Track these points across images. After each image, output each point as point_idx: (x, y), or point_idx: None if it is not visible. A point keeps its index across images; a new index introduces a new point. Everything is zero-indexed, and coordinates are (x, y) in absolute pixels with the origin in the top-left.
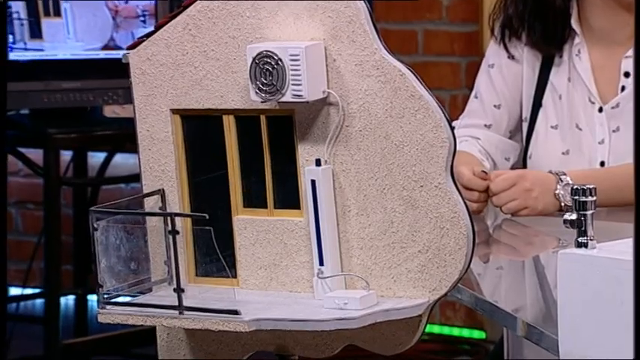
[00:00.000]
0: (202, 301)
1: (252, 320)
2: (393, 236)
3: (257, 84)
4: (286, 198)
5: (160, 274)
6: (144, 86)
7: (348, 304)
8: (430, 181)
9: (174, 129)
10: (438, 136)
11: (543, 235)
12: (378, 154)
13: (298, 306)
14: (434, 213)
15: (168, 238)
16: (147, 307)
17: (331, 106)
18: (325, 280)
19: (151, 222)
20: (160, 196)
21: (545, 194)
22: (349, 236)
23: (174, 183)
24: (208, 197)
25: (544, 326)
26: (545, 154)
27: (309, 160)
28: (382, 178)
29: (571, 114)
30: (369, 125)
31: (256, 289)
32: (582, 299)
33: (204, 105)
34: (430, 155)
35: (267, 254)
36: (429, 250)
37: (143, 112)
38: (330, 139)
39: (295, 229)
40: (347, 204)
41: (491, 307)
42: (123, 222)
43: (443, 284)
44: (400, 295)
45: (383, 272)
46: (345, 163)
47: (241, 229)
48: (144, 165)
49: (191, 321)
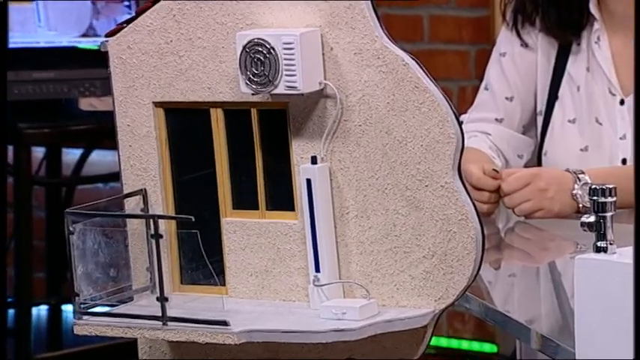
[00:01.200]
0: (188, 310)
1: (242, 332)
2: (395, 240)
3: (247, 75)
4: (279, 199)
5: (142, 281)
6: (124, 77)
7: (347, 314)
8: (436, 181)
9: (158, 123)
10: (445, 132)
11: (559, 239)
12: (379, 150)
13: (292, 316)
14: (440, 215)
15: (150, 243)
16: (127, 317)
17: (328, 98)
18: (322, 288)
19: (131, 225)
20: (142, 197)
21: (562, 194)
22: (348, 240)
23: (157, 182)
24: (194, 198)
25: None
26: (561, 151)
27: (304, 158)
28: (383, 177)
29: (590, 107)
30: (370, 120)
31: (247, 298)
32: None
33: (189, 97)
34: (436, 152)
35: (258, 260)
36: (435, 256)
37: (123, 105)
38: (327, 134)
39: (289, 232)
40: (345, 205)
41: (503, 317)
42: (101, 225)
43: (450, 292)
44: (403, 304)
45: (384, 279)
46: (343, 160)
47: (230, 232)
48: (124, 163)
49: (175, 332)
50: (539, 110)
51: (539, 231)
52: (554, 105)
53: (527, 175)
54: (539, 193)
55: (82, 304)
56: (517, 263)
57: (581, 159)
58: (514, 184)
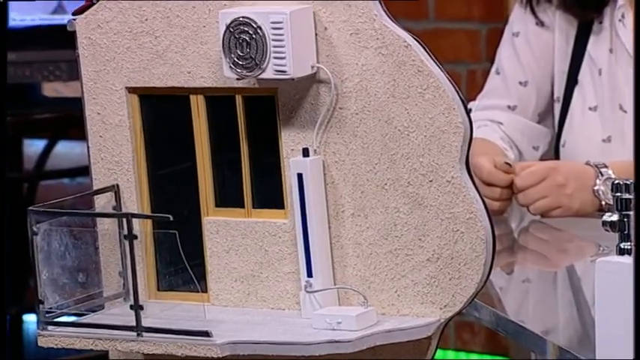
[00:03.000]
0: (165, 320)
1: (225, 343)
2: (396, 241)
3: (232, 57)
4: (267, 196)
5: (114, 287)
6: (93, 59)
7: (342, 324)
8: (441, 175)
9: (131, 111)
10: (451, 121)
11: (579, 241)
12: (378, 142)
13: (282, 326)
14: (446, 213)
15: (123, 244)
16: (98, 327)
17: (321, 84)
18: (314, 294)
19: (102, 225)
20: (114, 193)
21: (582, 190)
22: (343, 242)
23: (131, 177)
24: (173, 195)
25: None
26: (581, 142)
27: (295, 150)
28: (383, 172)
29: (613, 92)
30: (368, 107)
31: (231, 306)
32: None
33: (167, 82)
34: (441, 143)
35: (243, 264)
36: (440, 259)
37: (93, 91)
38: (321, 124)
39: (278, 233)
40: (341, 202)
41: (516, 327)
42: (68, 225)
43: (457, 300)
44: (405, 312)
45: (384, 285)
46: (338, 153)
47: (213, 233)
48: (94, 155)
49: (151, 344)
50: (556, 96)
51: (557, 231)
52: (574, 90)
53: (543, 169)
54: (557, 188)
55: (46, 313)
56: (532, 267)
57: (603, 150)
58: (529, 178)
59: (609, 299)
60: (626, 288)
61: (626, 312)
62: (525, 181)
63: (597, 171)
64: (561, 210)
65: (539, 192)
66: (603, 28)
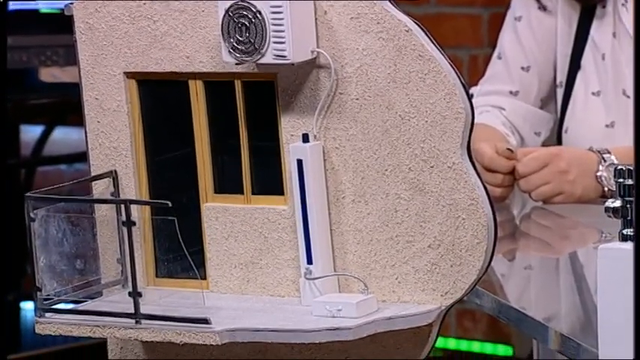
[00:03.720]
0: (164, 307)
1: (224, 331)
2: (396, 228)
3: (231, 42)
4: (267, 182)
5: (112, 274)
6: (91, 44)
7: (342, 311)
8: (442, 161)
9: (129, 97)
10: (452, 106)
11: (582, 227)
12: (378, 127)
13: (281, 313)
14: (447, 199)
15: (121, 231)
16: (96, 314)
17: (321, 69)
18: (314, 281)
19: (100, 211)
20: (112, 179)
21: (585, 176)
22: (344, 228)
23: (129, 163)
24: (171, 181)
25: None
26: (584, 127)
27: (295, 136)
28: (384, 157)
29: (616, 77)
30: (368, 93)
31: (230, 293)
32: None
33: (165, 67)
34: (442, 129)
35: (243, 250)
36: (441, 245)
37: (90, 76)
38: (321, 109)
39: (278, 219)
40: (341, 189)
41: (517, 315)
42: (66, 211)
43: (458, 287)
44: (406, 299)
45: (385, 272)
46: (338, 138)
47: (212, 219)
48: (91, 141)
49: (150, 332)
50: (559, 82)
51: (559, 218)
52: (576, 76)
53: (545, 155)
54: (559, 175)
55: (44, 300)
56: (534, 254)
57: (606, 136)
58: (531, 164)
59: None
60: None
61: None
62: (527, 167)
63: (600, 157)
64: (563, 196)
65: (542, 178)
66: (606, 13)
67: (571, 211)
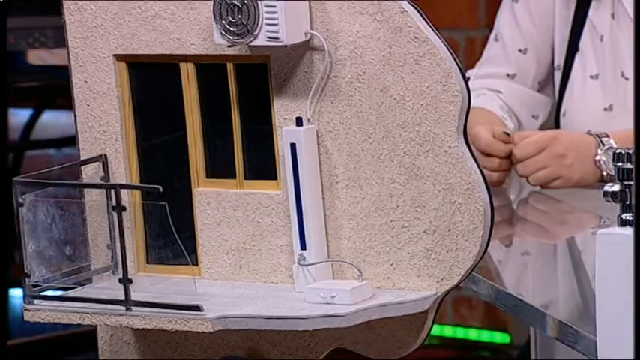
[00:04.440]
0: (155, 294)
1: (216, 318)
2: (392, 213)
3: (223, 24)
4: (259, 166)
5: (102, 260)
6: (80, 26)
7: (337, 298)
8: (438, 145)
9: (119, 80)
10: (448, 89)
11: (580, 212)
12: (373, 111)
13: (274, 300)
14: (443, 184)
15: (111, 216)
16: (85, 301)
17: (315, 51)
18: (308, 267)
19: (90, 196)
20: (102, 164)
21: (583, 161)
22: (338, 213)
23: (120, 147)
24: (162, 165)
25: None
26: (582, 111)
27: (288, 119)
28: (379, 142)
29: (615, 59)
30: (363, 75)
31: (222, 280)
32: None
33: (156, 50)
34: (438, 112)
35: (235, 236)
36: (437, 231)
37: (79, 59)
38: (314, 92)
39: (271, 204)
40: (335, 173)
41: (515, 301)
42: (55, 196)
43: (454, 272)
44: (401, 286)
45: (380, 258)
46: (332, 122)
47: (203, 204)
48: (81, 125)
49: (141, 319)
50: (556, 64)
51: (557, 203)
52: (574, 58)
53: (543, 139)
54: (557, 159)
55: (33, 287)
56: (531, 239)
57: (604, 119)
58: (528, 149)
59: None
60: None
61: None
62: (524, 152)
63: (598, 141)
64: (561, 181)
65: (539, 162)
66: None
67: (569, 196)
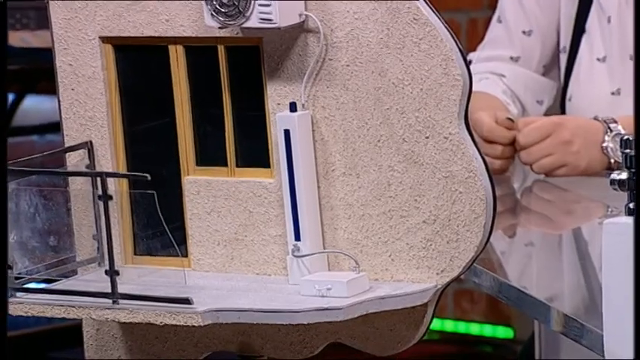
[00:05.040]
0: (143, 286)
1: (207, 311)
2: (390, 202)
3: (213, 4)
4: (252, 153)
5: (88, 251)
6: (64, 6)
7: (332, 290)
8: (438, 131)
9: (105, 63)
10: (449, 73)
11: (586, 201)
12: (371, 95)
13: (267, 293)
14: (443, 172)
15: (97, 206)
16: (70, 294)
17: (310, 33)
18: (302, 259)
19: (74, 184)
20: (87, 151)
21: (589, 147)
22: (334, 202)
23: (106, 133)
24: (150, 152)
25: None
26: (589, 95)
27: (282, 105)
28: (376, 127)
29: (623, 41)
30: (360, 58)
31: (213, 271)
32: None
33: (144, 31)
34: (438, 97)
35: (227, 226)
36: (437, 220)
37: (64, 41)
38: (309, 76)
39: (264, 193)
40: (331, 161)
41: (518, 294)
42: (38, 184)
43: (455, 264)
44: (399, 278)
45: (377, 249)
46: (328, 107)
47: (194, 193)
48: (65, 110)
49: (128, 312)
50: (562, 46)
51: (562, 191)
52: (581, 40)
53: (548, 125)
54: (562, 145)
55: (15, 279)
56: (535, 230)
57: (612, 104)
58: (532, 135)
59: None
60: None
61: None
62: (529, 138)
63: (606, 126)
64: (567, 168)
65: (544, 149)
66: None
67: (575, 184)
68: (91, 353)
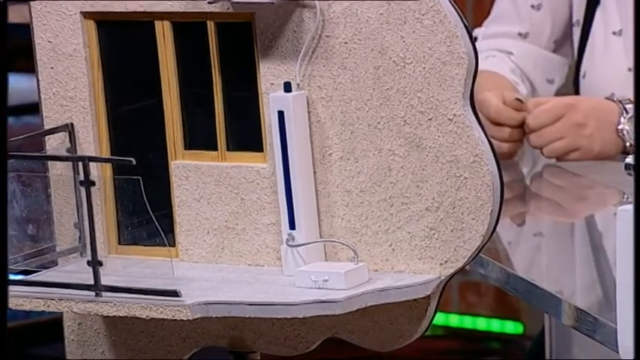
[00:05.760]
0: (127, 278)
1: (196, 304)
2: (390, 188)
3: None
4: (244, 136)
5: (69, 241)
6: None
7: (329, 282)
8: (442, 113)
9: (87, 40)
10: (453, 50)
11: (600, 187)
12: (370, 75)
13: (260, 285)
14: (447, 156)
15: (79, 192)
16: (50, 286)
17: (305, 8)
18: (298, 249)
19: (54, 169)
20: (68, 134)
21: (604, 130)
22: (331, 189)
23: (88, 115)
24: (135, 135)
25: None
26: (604, 72)
27: (276, 84)
28: (376, 109)
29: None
30: (358, 35)
31: (203, 262)
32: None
33: (128, 6)
34: (442, 77)
35: (217, 214)
36: (441, 208)
37: (43, 16)
38: (305, 54)
39: (256, 179)
40: (328, 144)
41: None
42: (16, 169)
43: (459, 254)
44: (401, 268)
45: (377, 238)
46: (325, 87)
47: (182, 179)
48: (44, 90)
49: (112, 306)
50: (575, 20)
51: (575, 177)
52: (595, 12)
53: (559, 106)
54: (575, 128)
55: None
56: (546, 218)
57: (628, 82)
58: (543, 117)
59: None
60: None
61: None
62: (539, 120)
63: (621, 107)
64: (580, 152)
65: (555, 132)
66: None
67: (588, 169)
68: (72, 349)
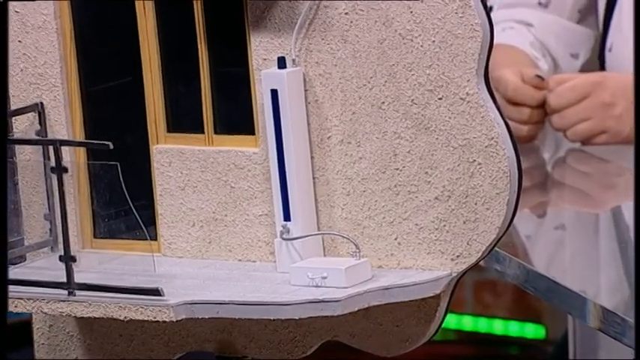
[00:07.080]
0: (104, 275)
1: (180, 304)
2: (396, 175)
3: None
4: (233, 118)
5: (39, 234)
6: None
7: (328, 279)
8: (453, 92)
9: (59, 11)
10: (466, 22)
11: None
12: (373, 49)
13: (251, 282)
14: (459, 139)
15: (50, 179)
16: (18, 284)
17: None
18: (293, 242)
19: (22, 154)
20: (38, 114)
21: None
22: (330, 176)
23: (59, 94)
24: (113, 116)
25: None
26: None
27: (269, 60)
28: (380, 87)
29: None
30: (360, 5)
31: (187, 257)
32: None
33: None
34: (454, 51)
35: (203, 204)
36: (452, 197)
37: None
38: (300, 27)
39: (247, 165)
40: (326, 126)
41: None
42: None
43: (472, 248)
44: (407, 264)
45: (381, 230)
46: (323, 63)
47: (164, 165)
48: (11, 66)
49: (86, 305)
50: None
51: (602, 162)
52: None
53: (585, 84)
54: (602, 108)
55: None
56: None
57: None
58: (566, 96)
59: None
60: None
61: None
62: (562, 99)
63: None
64: (607, 135)
65: (580, 113)
66: None
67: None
68: (41, 354)
